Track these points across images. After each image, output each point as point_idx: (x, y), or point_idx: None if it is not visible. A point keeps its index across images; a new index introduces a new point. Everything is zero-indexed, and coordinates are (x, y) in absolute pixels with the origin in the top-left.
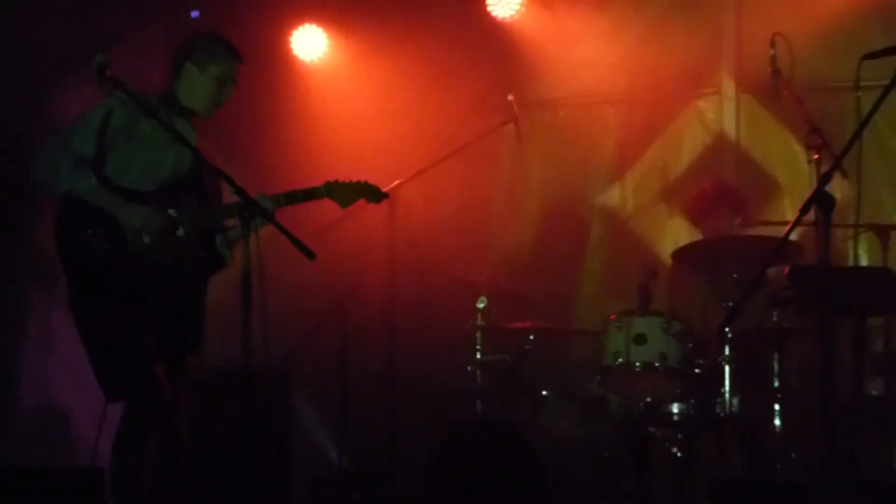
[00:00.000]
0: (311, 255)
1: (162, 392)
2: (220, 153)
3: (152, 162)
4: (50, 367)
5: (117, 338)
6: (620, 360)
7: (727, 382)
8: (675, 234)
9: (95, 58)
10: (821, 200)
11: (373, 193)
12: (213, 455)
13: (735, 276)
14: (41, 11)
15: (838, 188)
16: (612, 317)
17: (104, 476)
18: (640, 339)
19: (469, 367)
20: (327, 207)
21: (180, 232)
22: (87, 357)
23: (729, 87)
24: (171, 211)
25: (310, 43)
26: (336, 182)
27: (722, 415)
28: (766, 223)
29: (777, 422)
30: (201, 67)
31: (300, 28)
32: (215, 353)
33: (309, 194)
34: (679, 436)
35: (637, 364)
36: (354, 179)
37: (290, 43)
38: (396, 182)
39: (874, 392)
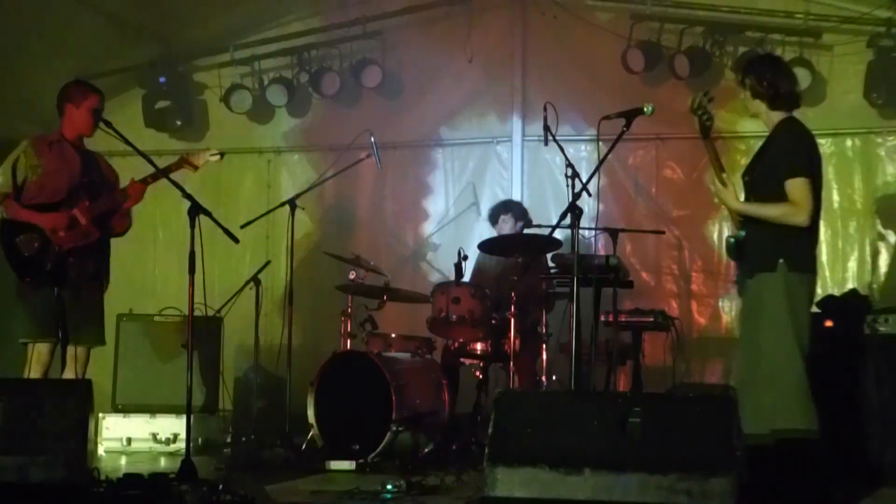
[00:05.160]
0: (236, 240)
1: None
2: None
3: (54, 183)
4: None
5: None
6: (443, 314)
7: (512, 330)
8: (479, 232)
9: (97, 106)
10: (574, 210)
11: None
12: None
13: (519, 259)
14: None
15: (585, 203)
16: (437, 285)
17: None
18: (456, 301)
19: (342, 317)
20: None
21: (82, 221)
22: None
23: (517, 136)
24: (74, 211)
25: (240, 100)
26: (186, 155)
27: (509, 351)
28: (539, 226)
29: (543, 356)
30: (77, 104)
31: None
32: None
33: (167, 169)
34: (480, 364)
35: (453, 317)
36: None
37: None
38: (295, 193)
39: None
